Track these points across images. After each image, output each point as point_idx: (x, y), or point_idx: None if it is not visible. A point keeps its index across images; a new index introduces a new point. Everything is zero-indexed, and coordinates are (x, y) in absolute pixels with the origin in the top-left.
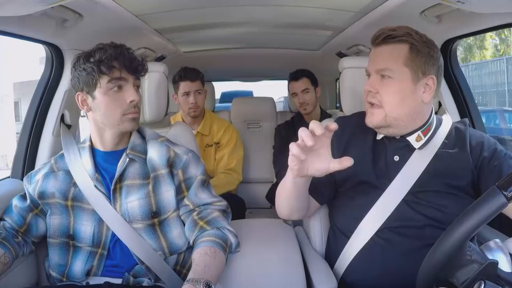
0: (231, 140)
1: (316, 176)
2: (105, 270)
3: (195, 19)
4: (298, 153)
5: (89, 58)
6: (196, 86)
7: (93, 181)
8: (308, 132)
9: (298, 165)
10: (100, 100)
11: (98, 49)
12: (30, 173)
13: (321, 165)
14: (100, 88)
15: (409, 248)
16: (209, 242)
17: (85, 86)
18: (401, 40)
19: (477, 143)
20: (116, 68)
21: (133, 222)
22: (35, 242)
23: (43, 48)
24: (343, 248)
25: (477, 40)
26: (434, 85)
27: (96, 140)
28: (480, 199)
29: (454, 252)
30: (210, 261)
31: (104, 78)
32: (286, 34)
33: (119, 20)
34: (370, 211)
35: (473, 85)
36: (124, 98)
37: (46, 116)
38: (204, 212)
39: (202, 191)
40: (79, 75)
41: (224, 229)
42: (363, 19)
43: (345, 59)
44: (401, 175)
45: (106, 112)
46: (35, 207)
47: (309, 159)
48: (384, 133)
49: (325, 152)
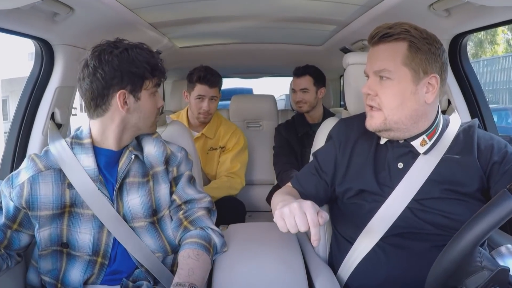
0: (237, 144)
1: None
2: (105, 279)
3: (192, 13)
4: (283, 228)
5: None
6: (213, 93)
7: (96, 183)
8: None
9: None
10: (145, 101)
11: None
12: (11, 175)
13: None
14: (146, 90)
15: (415, 254)
16: (192, 244)
17: (130, 85)
18: (399, 38)
19: (486, 147)
20: (160, 71)
21: (136, 220)
22: (20, 253)
23: (33, 43)
24: (346, 254)
25: (488, 34)
26: (437, 84)
27: (99, 138)
28: (490, 202)
29: (463, 258)
30: (194, 264)
31: (150, 81)
32: (287, 29)
33: (112, 14)
34: (373, 219)
35: (484, 82)
36: (157, 102)
37: (35, 115)
38: (189, 211)
39: (189, 187)
40: (126, 70)
41: (208, 229)
42: (368, 13)
43: (349, 55)
44: (404, 182)
45: (147, 114)
46: (12, 222)
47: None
48: (386, 136)
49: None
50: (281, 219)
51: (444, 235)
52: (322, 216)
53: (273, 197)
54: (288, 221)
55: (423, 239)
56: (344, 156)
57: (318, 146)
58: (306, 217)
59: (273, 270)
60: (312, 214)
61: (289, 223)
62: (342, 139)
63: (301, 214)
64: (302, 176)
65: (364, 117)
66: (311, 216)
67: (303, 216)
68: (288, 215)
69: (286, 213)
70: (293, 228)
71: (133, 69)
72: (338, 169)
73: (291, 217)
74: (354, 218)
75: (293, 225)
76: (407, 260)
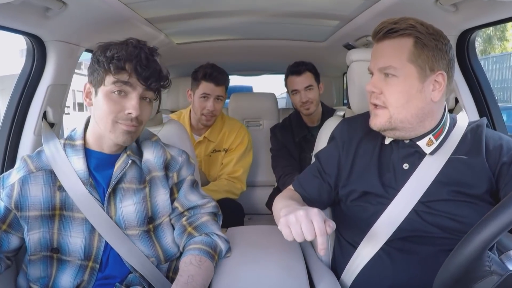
0: (241, 144)
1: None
2: (96, 284)
3: (189, 8)
4: (288, 237)
5: (105, 51)
6: (219, 91)
7: (86, 186)
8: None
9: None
10: (99, 99)
11: (118, 44)
12: (2, 175)
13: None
14: (104, 86)
15: (422, 259)
16: (195, 250)
17: (93, 78)
18: (404, 33)
19: (495, 147)
20: (126, 71)
21: (128, 229)
22: (9, 256)
23: (24, 39)
24: (350, 258)
25: (497, 30)
26: (444, 81)
27: (91, 140)
28: (500, 204)
29: (471, 263)
30: (194, 271)
31: (111, 77)
32: (289, 24)
33: (106, 9)
34: (377, 222)
35: (493, 80)
36: (123, 106)
37: (27, 114)
38: (193, 217)
39: (192, 193)
40: (92, 65)
41: (213, 235)
42: (372, 8)
43: (353, 52)
44: (410, 184)
45: (101, 115)
46: (1, 223)
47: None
48: (391, 136)
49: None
50: (286, 227)
51: (451, 239)
52: (329, 225)
53: (274, 202)
54: (294, 230)
55: (430, 243)
56: (348, 157)
57: (320, 147)
58: (312, 225)
59: (274, 275)
60: (319, 222)
61: (295, 231)
62: (345, 140)
63: (307, 222)
64: (304, 178)
65: (368, 117)
66: (318, 225)
67: (309, 225)
68: (294, 223)
69: (292, 221)
70: (299, 236)
71: (95, 64)
72: (342, 171)
73: (297, 225)
74: (357, 221)
75: (299, 234)
76: (413, 264)
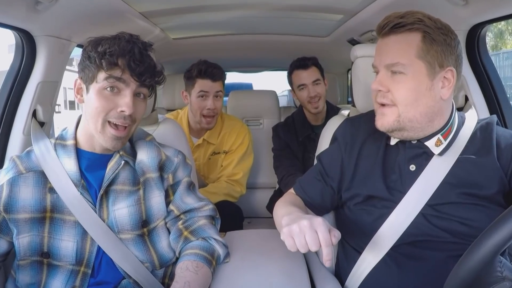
0: (242, 145)
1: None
2: None
3: (186, 1)
4: (292, 248)
5: (97, 46)
6: (217, 87)
7: (78, 188)
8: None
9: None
10: (91, 97)
11: (109, 38)
12: None
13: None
14: (96, 83)
15: (430, 265)
16: (192, 256)
17: (84, 74)
18: (412, 28)
19: (507, 145)
20: (118, 67)
21: (122, 233)
22: None
23: (13, 34)
24: (354, 264)
25: (509, 25)
26: (454, 78)
27: (83, 139)
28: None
29: (482, 268)
30: (191, 277)
31: (103, 73)
32: (290, 18)
33: (99, 2)
34: (383, 227)
35: (504, 77)
36: (116, 103)
37: (15, 112)
38: (189, 221)
39: (188, 195)
40: (83, 61)
41: (211, 239)
42: (378, 1)
43: (357, 47)
44: (417, 186)
45: (92, 113)
46: None
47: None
48: (398, 137)
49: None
50: (290, 237)
51: (461, 244)
52: (335, 235)
53: (275, 207)
54: (298, 240)
55: (438, 248)
56: (351, 160)
57: (323, 148)
58: (317, 235)
59: (275, 282)
60: (324, 232)
61: (299, 242)
62: (348, 141)
63: (312, 232)
64: (306, 182)
65: (372, 116)
66: (323, 235)
67: (314, 235)
68: (297, 233)
69: (295, 231)
70: (303, 247)
71: (86, 60)
72: (345, 174)
73: (301, 235)
74: (362, 226)
75: (303, 244)
76: (421, 271)
